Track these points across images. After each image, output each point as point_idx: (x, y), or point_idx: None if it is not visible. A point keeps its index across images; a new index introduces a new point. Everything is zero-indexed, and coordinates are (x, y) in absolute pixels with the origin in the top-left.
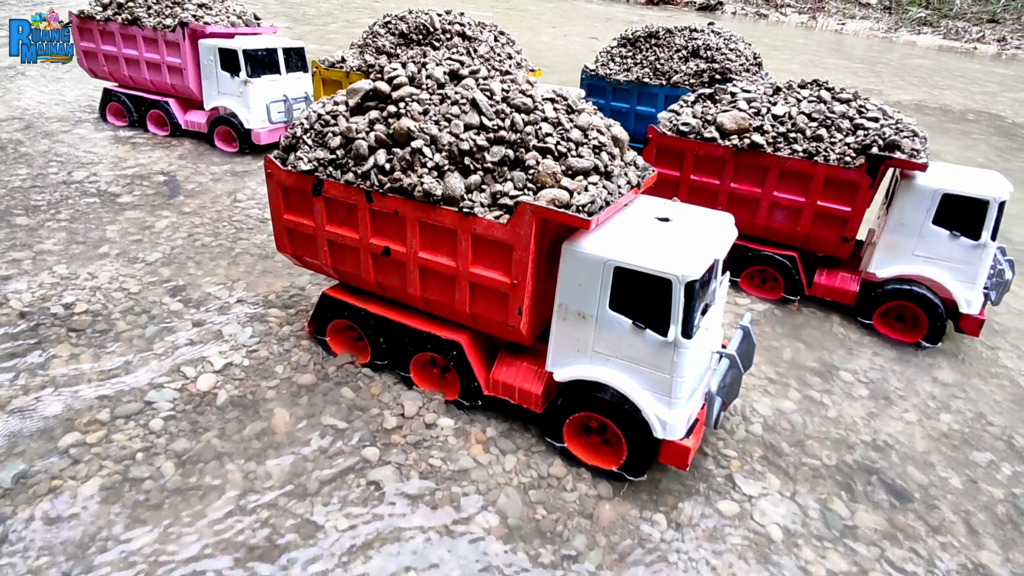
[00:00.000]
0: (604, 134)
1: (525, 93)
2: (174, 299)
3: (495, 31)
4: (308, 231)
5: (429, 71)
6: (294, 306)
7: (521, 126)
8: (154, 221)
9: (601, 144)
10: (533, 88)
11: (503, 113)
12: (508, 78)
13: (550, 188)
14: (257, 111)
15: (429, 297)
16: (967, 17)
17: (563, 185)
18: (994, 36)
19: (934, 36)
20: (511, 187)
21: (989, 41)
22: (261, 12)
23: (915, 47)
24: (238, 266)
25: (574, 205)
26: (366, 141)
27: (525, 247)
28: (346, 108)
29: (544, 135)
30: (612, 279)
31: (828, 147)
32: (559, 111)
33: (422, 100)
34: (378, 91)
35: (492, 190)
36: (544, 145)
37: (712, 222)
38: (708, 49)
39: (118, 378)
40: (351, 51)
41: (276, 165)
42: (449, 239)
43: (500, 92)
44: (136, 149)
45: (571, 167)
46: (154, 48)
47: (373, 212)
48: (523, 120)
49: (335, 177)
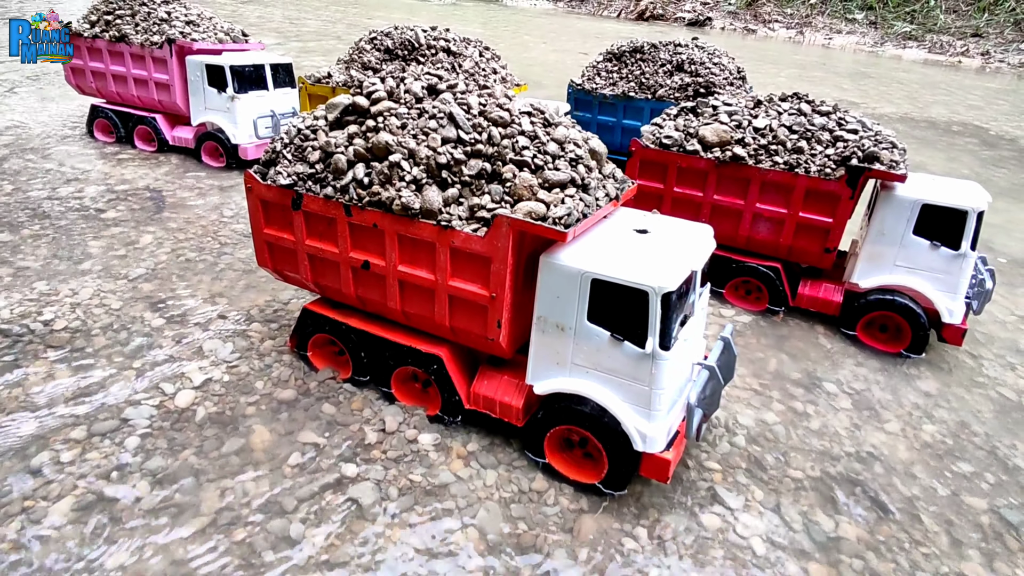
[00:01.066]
0: (581, 147)
1: (502, 107)
2: (155, 315)
3: (480, 46)
4: (288, 245)
5: (407, 86)
6: (276, 321)
7: (498, 139)
8: (138, 236)
9: (578, 157)
10: (510, 102)
11: (480, 127)
12: (485, 92)
13: (527, 201)
14: (244, 126)
15: (409, 311)
16: (951, 31)
17: (540, 198)
18: (978, 50)
19: (919, 50)
20: (488, 200)
21: (973, 55)
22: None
23: (901, 61)
24: (221, 281)
25: (551, 217)
26: (345, 155)
27: (503, 260)
28: (325, 123)
29: (521, 148)
30: (590, 291)
31: (809, 159)
32: (536, 124)
33: (400, 114)
34: (357, 106)
35: (470, 203)
36: (521, 158)
37: (690, 233)
38: (692, 63)
39: (95, 395)
40: (337, 67)
41: (255, 180)
42: (428, 252)
43: (477, 106)
44: (122, 165)
45: (548, 180)
46: (141, 65)
47: (352, 226)
48: (500, 133)
49: (314, 191)
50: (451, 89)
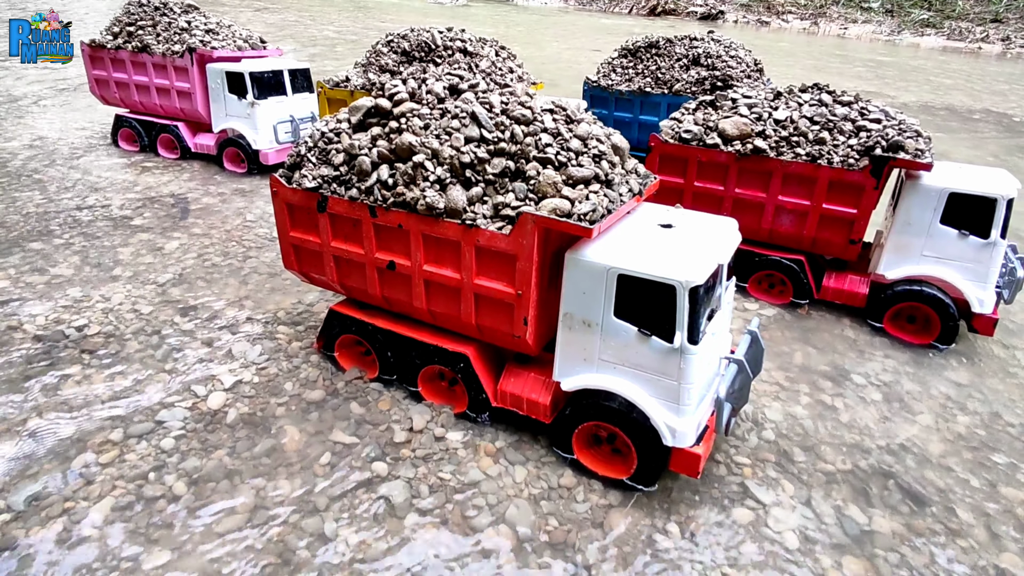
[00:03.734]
0: (604, 143)
1: (524, 105)
2: (185, 319)
3: (496, 46)
4: (314, 247)
5: (429, 86)
6: (302, 322)
7: (521, 137)
8: (165, 243)
9: (601, 153)
10: (532, 100)
11: (503, 125)
12: (507, 91)
13: (551, 198)
14: (264, 132)
15: (435, 310)
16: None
17: (564, 194)
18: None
19: (937, 37)
20: (512, 198)
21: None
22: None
23: (919, 49)
24: (247, 284)
25: (575, 214)
26: (369, 157)
27: (528, 257)
28: (348, 125)
29: (544, 146)
30: (616, 287)
31: (831, 150)
32: (558, 122)
33: (423, 115)
34: (379, 108)
35: (494, 201)
36: (544, 156)
37: (715, 227)
38: (708, 57)
39: (130, 398)
40: (355, 70)
41: (281, 183)
42: (453, 251)
43: (499, 105)
44: (147, 173)
45: (571, 176)
46: (163, 74)
47: (377, 227)
48: (523, 131)
49: (339, 193)
50: (473, 89)
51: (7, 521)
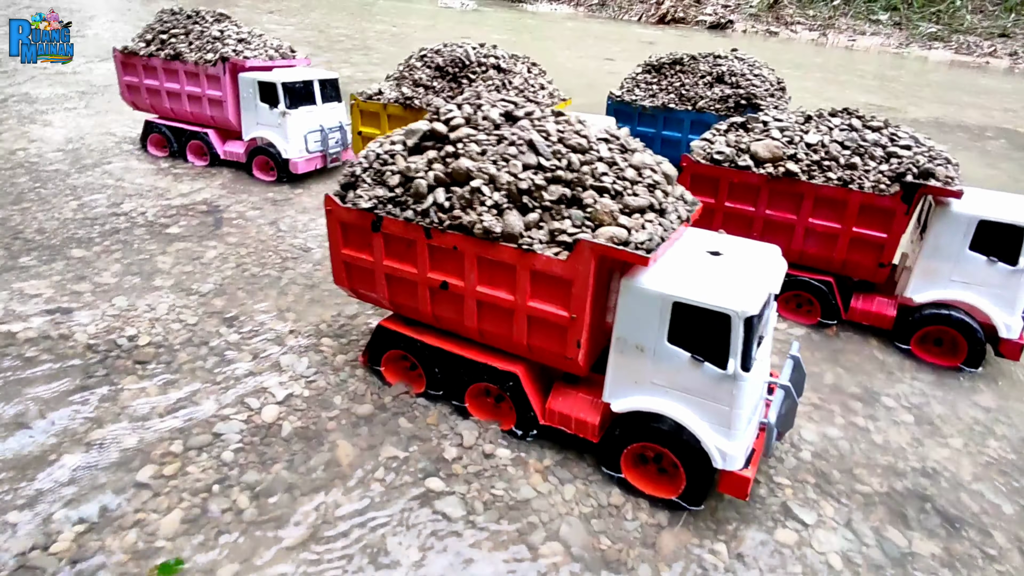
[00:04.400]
0: (657, 172)
1: (579, 133)
2: (230, 330)
3: (528, 63)
4: (366, 265)
5: (485, 112)
6: (345, 335)
7: (577, 165)
8: (202, 252)
9: (655, 182)
10: (587, 128)
11: (559, 153)
12: (563, 119)
13: (608, 226)
14: (295, 141)
15: (486, 329)
16: (978, 32)
17: (621, 223)
18: (1006, 51)
19: (945, 51)
20: (569, 224)
21: (1001, 55)
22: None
23: (927, 62)
24: (287, 296)
25: (632, 243)
26: (425, 180)
27: (584, 283)
28: (403, 148)
29: (600, 174)
30: (671, 314)
31: (863, 175)
32: (613, 151)
33: (479, 141)
34: (435, 132)
35: (550, 227)
36: (601, 184)
37: (761, 255)
38: (733, 75)
39: (186, 409)
40: (387, 83)
41: (336, 202)
42: (507, 274)
43: (555, 133)
44: (178, 179)
45: (627, 205)
46: (195, 82)
47: (431, 248)
48: (579, 160)
49: (394, 214)
50: (528, 116)
51: (82, 532)
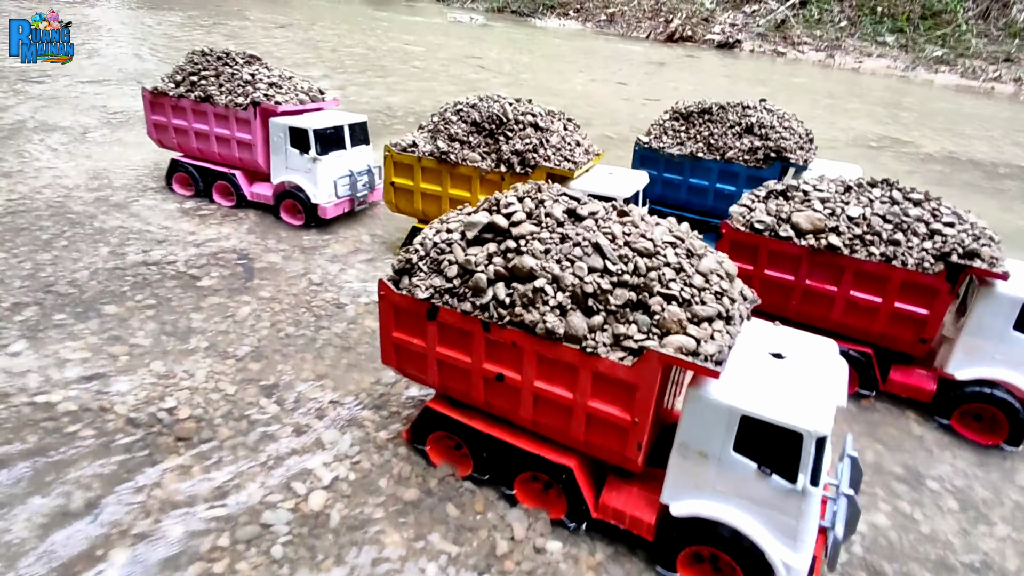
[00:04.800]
0: (724, 278)
1: (646, 236)
2: (269, 400)
3: (563, 119)
4: (418, 350)
5: (548, 208)
6: (385, 407)
7: (644, 271)
8: (236, 308)
9: (723, 290)
10: (653, 230)
11: (626, 258)
12: (628, 220)
13: (676, 335)
14: (325, 187)
15: (541, 421)
16: (983, 56)
17: (689, 332)
18: (1010, 76)
19: (951, 75)
20: (635, 330)
21: (1006, 81)
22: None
23: (932, 86)
24: (323, 359)
25: (702, 354)
26: (485, 274)
27: (650, 389)
28: (461, 238)
29: (668, 280)
30: (739, 426)
31: (906, 251)
32: (680, 256)
33: (543, 239)
34: (495, 225)
35: (615, 331)
36: (668, 292)
37: (822, 356)
38: (762, 127)
39: (231, 495)
40: (420, 134)
41: (390, 288)
42: (568, 373)
43: (621, 236)
44: (205, 222)
45: (696, 315)
46: (225, 124)
47: (489, 340)
48: (645, 265)
49: (451, 305)
50: (593, 216)
51: None
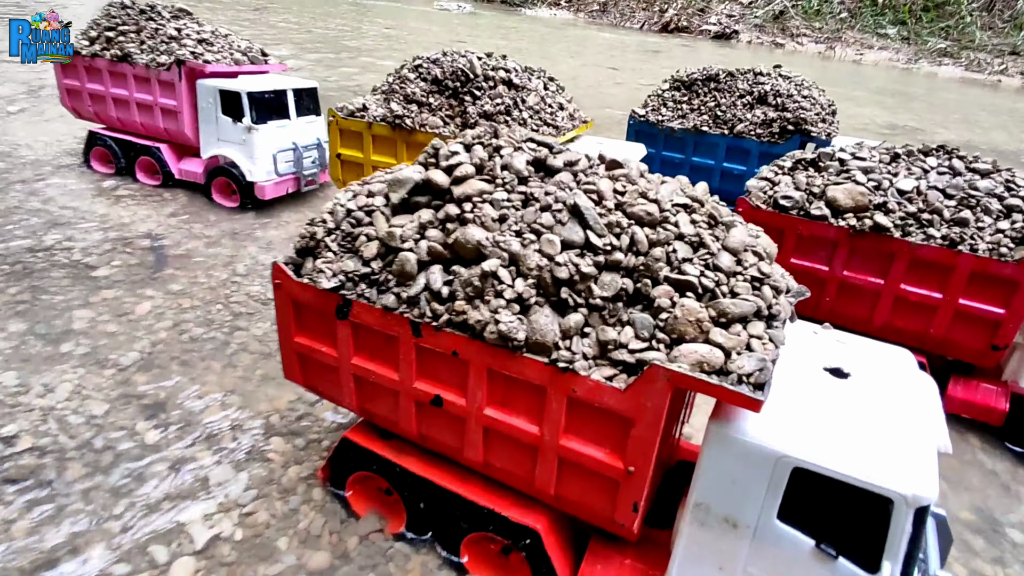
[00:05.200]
0: (762, 258)
1: (647, 196)
2: (149, 423)
3: (543, 77)
4: (328, 361)
5: (506, 159)
6: (302, 433)
7: (646, 246)
8: (134, 304)
9: (762, 275)
10: (658, 189)
11: (618, 227)
12: (620, 173)
13: (693, 342)
14: (262, 161)
15: (496, 465)
16: (988, 49)
17: (713, 339)
18: (1017, 68)
19: (955, 67)
20: (631, 335)
21: (1012, 74)
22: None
23: (936, 79)
24: (234, 369)
25: (734, 373)
26: (415, 253)
27: (652, 424)
28: (386, 203)
29: (681, 261)
30: (788, 481)
31: (975, 233)
32: (699, 224)
33: (498, 201)
34: (432, 184)
35: (601, 337)
36: (682, 277)
37: (899, 373)
38: (778, 96)
39: (60, 565)
40: (374, 97)
41: (286, 274)
42: (532, 397)
43: (612, 195)
44: (121, 203)
45: (724, 313)
46: (146, 88)
47: (422, 349)
48: (647, 238)
49: (369, 298)
50: (570, 167)
51: None
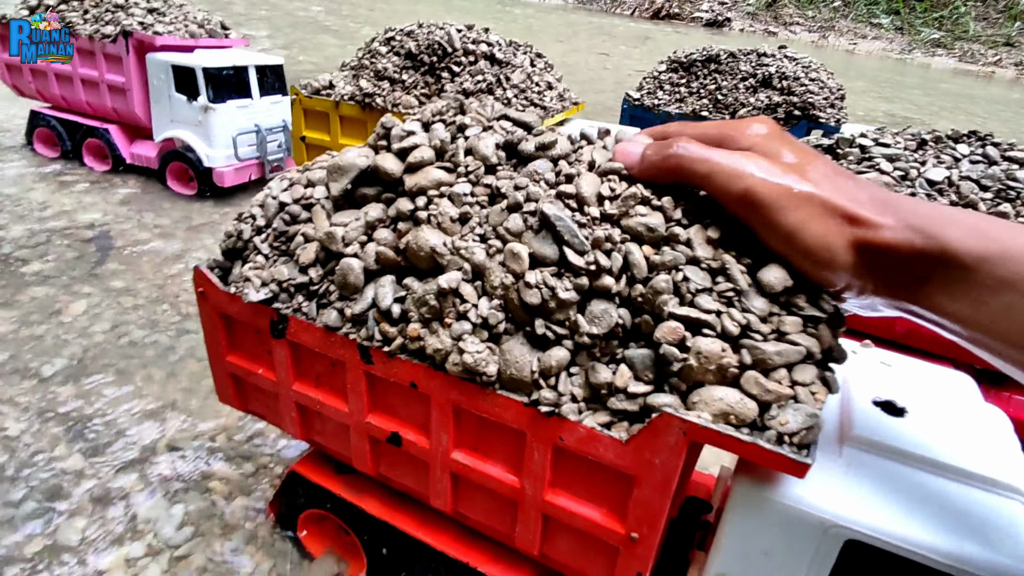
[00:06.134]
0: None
1: (645, 200)
2: (72, 446)
3: (531, 53)
4: (266, 386)
5: (471, 142)
6: (251, 457)
7: (643, 269)
8: (68, 302)
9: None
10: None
11: (607, 243)
12: (610, 168)
13: (713, 386)
14: (221, 145)
15: (469, 516)
16: (982, 40)
17: (747, 388)
18: (1011, 60)
19: (948, 58)
20: (629, 378)
21: (1006, 65)
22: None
23: (929, 69)
24: (177, 379)
25: (774, 432)
26: (360, 260)
27: (663, 486)
28: (326, 195)
29: (697, 291)
30: (839, 555)
31: None
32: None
33: (458, 195)
34: (381, 172)
35: (592, 379)
36: (696, 316)
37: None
38: (784, 78)
39: None
40: (342, 73)
41: (211, 282)
42: (510, 442)
43: (594, 199)
44: (65, 190)
45: (761, 360)
46: (91, 63)
47: (374, 378)
48: (646, 259)
49: (308, 314)
50: (544, 149)
51: None
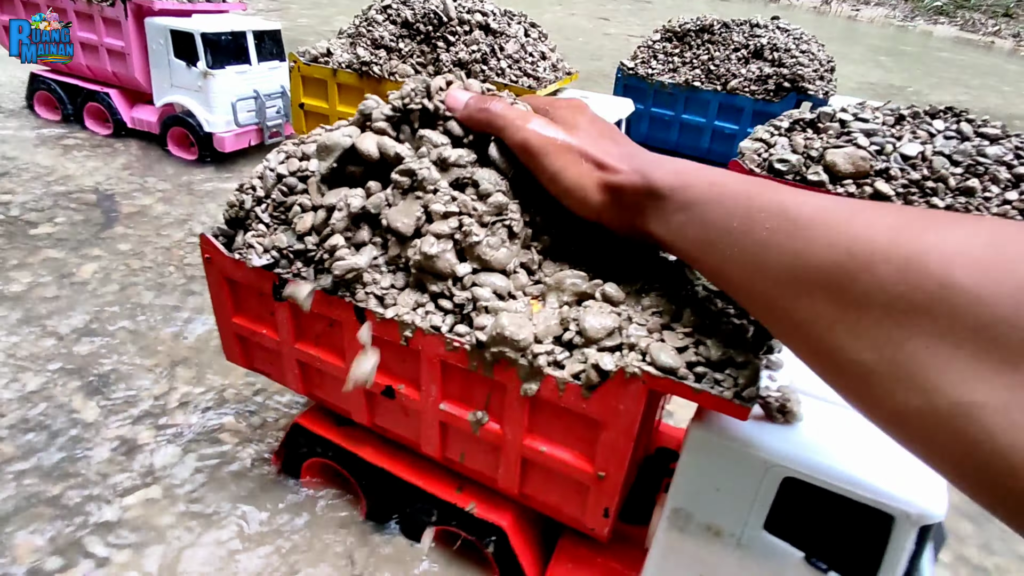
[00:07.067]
0: None
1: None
2: (92, 401)
3: (524, 23)
4: (269, 344)
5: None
6: (257, 411)
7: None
8: (78, 264)
9: None
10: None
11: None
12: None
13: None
14: (220, 110)
15: (455, 460)
16: (983, 9)
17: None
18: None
19: (950, 27)
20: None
21: (1005, 36)
22: None
23: (932, 37)
24: (185, 338)
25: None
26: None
27: (625, 429)
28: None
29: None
30: (778, 491)
31: (982, 204)
32: None
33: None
34: (361, 154)
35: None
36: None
37: None
38: (775, 50)
39: None
40: (339, 41)
41: (216, 248)
42: (491, 393)
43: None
44: (68, 154)
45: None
46: (90, 25)
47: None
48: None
49: (306, 278)
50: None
51: None
